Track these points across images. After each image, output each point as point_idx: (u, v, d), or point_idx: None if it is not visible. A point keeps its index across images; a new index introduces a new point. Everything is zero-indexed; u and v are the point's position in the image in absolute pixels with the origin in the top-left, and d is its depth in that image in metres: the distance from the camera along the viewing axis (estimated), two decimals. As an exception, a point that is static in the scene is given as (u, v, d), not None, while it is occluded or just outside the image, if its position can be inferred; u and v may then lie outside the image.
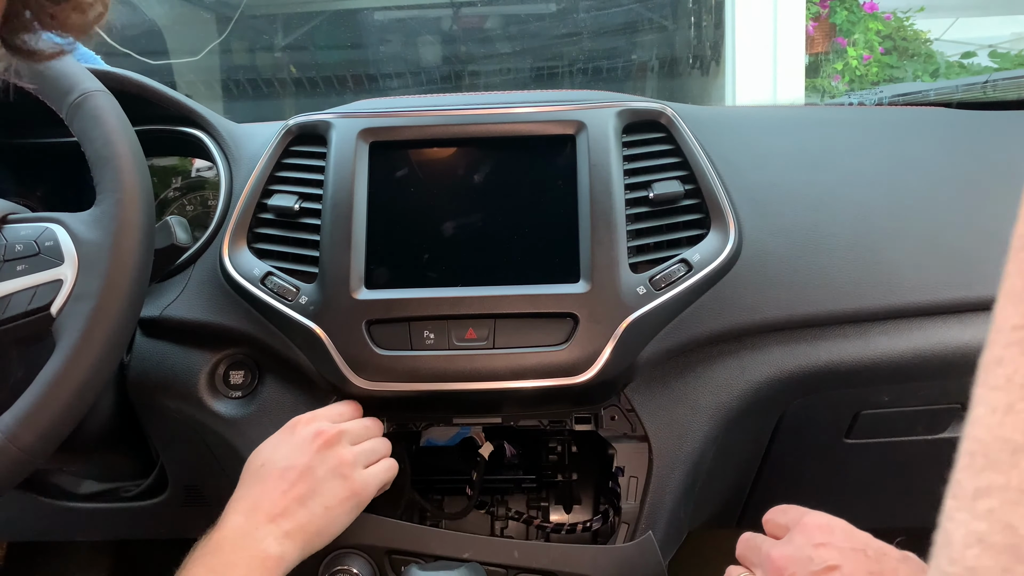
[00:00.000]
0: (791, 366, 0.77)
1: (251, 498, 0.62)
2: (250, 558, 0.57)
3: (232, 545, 0.58)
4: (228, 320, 0.78)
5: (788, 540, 0.53)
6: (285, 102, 3.22)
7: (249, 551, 0.58)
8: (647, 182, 0.77)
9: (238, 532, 0.59)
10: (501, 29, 3.18)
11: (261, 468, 0.65)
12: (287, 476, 0.63)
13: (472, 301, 0.72)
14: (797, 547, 0.52)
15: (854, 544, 0.51)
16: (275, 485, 0.63)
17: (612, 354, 0.70)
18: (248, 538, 0.59)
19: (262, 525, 0.60)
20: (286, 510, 0.61)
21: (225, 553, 0.58)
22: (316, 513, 0.62)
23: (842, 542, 0.51)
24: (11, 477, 0.58)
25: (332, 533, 0.64)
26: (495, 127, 0.78)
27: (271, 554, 0.58)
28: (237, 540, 0.59)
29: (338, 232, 0.74)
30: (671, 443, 0.75)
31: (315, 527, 0.62)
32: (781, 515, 0.58)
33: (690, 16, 3.16)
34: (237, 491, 0.64)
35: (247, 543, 0.58)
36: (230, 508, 0.62)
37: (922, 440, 0.86)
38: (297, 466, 0.64)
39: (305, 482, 0.63)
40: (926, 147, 0.88)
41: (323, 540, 0.63)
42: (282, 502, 0.61)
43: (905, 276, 0.77)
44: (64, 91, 0.66)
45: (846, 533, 0.52)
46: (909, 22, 3.15)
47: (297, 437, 0.67)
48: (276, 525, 0.60)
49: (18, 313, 0.62)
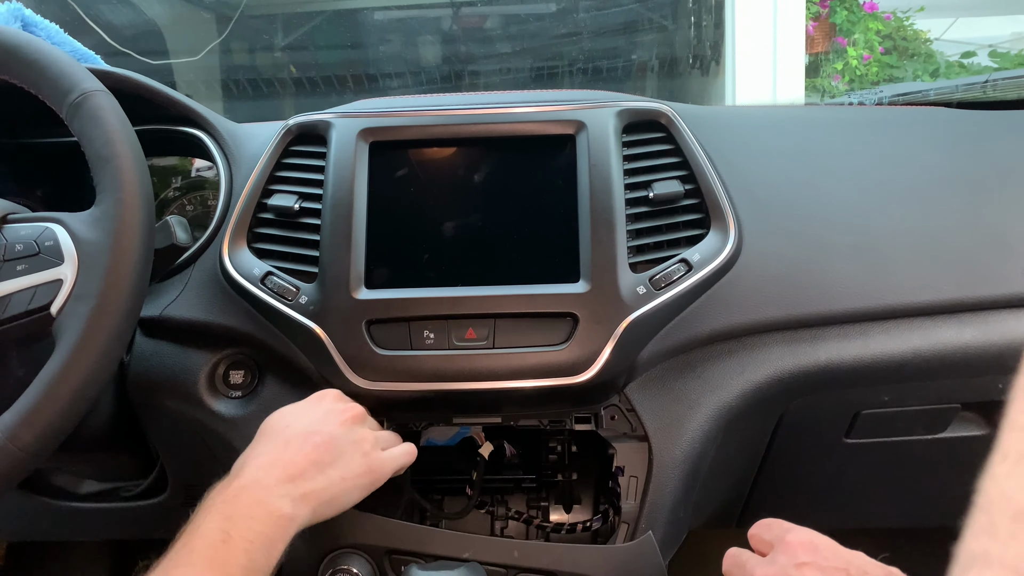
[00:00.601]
0: (791, 366, 0.77)
1: (271, 455, 0.63)
2: (267, 514, 0.58)
3: (249, 498, 0.58)
4: (228, 320, 0.78)
5: (771, 559, 0.53)
6: (285, 102, 3.22)
7: (266, 506, 0.58)
8: (647, 182, 0.77)
9: (257, 485, 0.59)
10: (501, 29, 3.18)
11: (286, 429, 0.65)
12: (311, 439, 0.63)
13: (472, 301, 0.72)
14: (780, 567, 0.52)
15: (837, 563, 0.51)
16: (298, 447, 0.63)
17: (612, 354, 0.70)
18: (266, 492, 0.59)
19: (280, 483, 0.60)
20: (304, 473, 0.61)
21: (242, 504, 0.58)
22: (333, 481, 0.63)
23: (825, 561, 0.51)
24: (11, 477, 0.58)
25: (342, 505, 0.64)
26: (495, 127, 0.78)
27: (285, 513, 0.58)
28: (255, 493, 0.59)
29: (338, 232, 0.74)
30: (671, 443, 0.75)
31: (329, 495, 0.62)
32: (766, 531, 0.58)
33: (690, 16, 3.16)
34: (255, 447, 0.65)
35: (264, 497, 0.58)
36: (248, 462, 0.62)
37: (922, 440, 0.86)
38: (322, 432, 0.64)
39: (327, 449, 0.63)
40: (926, 147, 0.88)
41: (332, 510, 0.63)
42: (302, 464, 0.62)
43: (905, 276, 0.77)
44: (64, 91, 0.66)
45: (830, 551, 0.52)
46: (909, 22, 3.15)
47: (324, 407, 0.68)
48: (294, 485, 0.60)
49: (18, 313, 0.62)
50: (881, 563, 0.51)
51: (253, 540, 0.56)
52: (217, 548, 0.54)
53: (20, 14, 0.92)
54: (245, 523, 0.56)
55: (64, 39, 0.95)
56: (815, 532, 0.54)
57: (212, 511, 0.57)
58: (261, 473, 0.61)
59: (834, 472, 0.92)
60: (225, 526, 0.56)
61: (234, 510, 0.57)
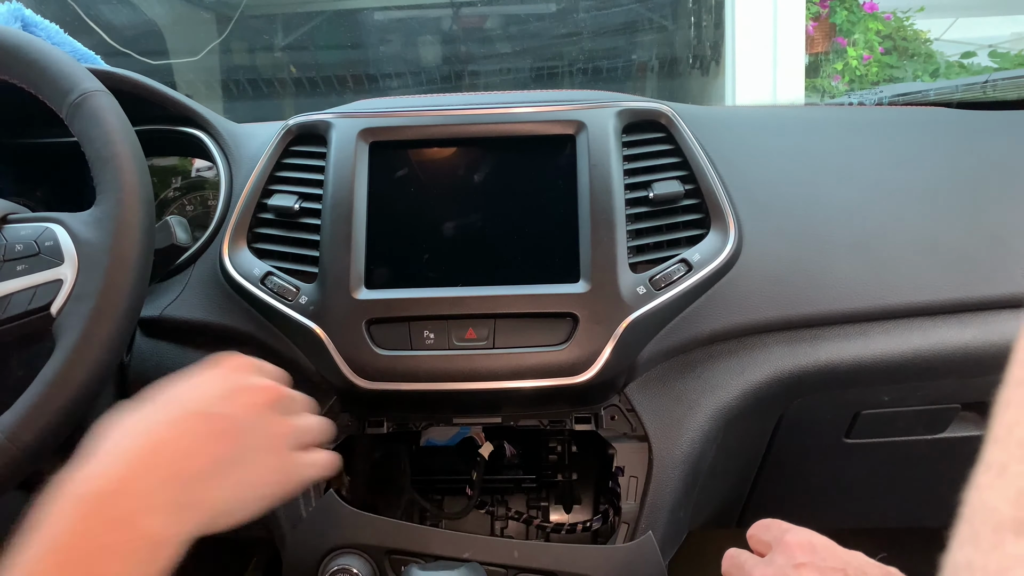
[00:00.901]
0: (791, 366, 0.77)
1: (151, 442, 0.44)
2: (129, 540, 0.40)
3: (110, 513, 0.40)
4: (228, 320, 0.78)
5: (769, 560, 0.53)
6: (285, 102, 3.22)
7: (130, 528, 0.40)
8: (647, 182, 0.77)
9: (125, 492, 0.41)
10: (501, 29, 3.18)
11: (176, 404, 0.47)
12: (211, 425, 0.46)
13: (472, 301, 0.72)
14: (778, 568, 0.51)
15: (835, 563, 0.50)
16: (191, 435, 0.46)
17: (612, 354, 0.70)
18: (136, 503, 0.41)
19: (161, 487, 0.42)
20: (199, 472, 0.44)
21: (96, 522, 0.40)
22: (235, 486, 0.46)
23: (823, 561, 0.51)
24: (11, 477, 0.58)
25: (238, 518, 0.47)
26: (495, 127, 0.78)
27: (154, 535, 0.41)
28: (119, 505, 0.41)
29: (338, 232, 0.74)
30: (671, 443, 0.75)
31: (226, 505, 0.46)
32: (764, 531, 0.57)
33: (690, 16, 3.16)
34: (125, 424, 0.46)
35: (132, 512, 0.41)
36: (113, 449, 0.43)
37: (922, 440, 0.86)
38: (226, 417, 0.47)
39: (231, 441, 0.47)
40: (926, 147, 0.88)
41: (223, 524, 0.46)
42: (197, 460, 0.45)
43: (905, 276, 0.77)
44: (64, 91, 0.66)
45: (828, 551, 0.52)
46: (909, 22, 3.14)
47: (226, 381, 0.50)
48: (182, 489, 0.43)
49: (18, 313, 0.62)
50: (879, 563, 0.51)
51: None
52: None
53: (20, 14, 0.92)
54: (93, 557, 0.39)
55: (64, 39, 0.95)
56: (813, 532, 0.54)
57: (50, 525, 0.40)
58: (134, 470, 0.42)
59: (834, 472, 0.92)
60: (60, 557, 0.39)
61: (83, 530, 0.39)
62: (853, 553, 0.52)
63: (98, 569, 0.39)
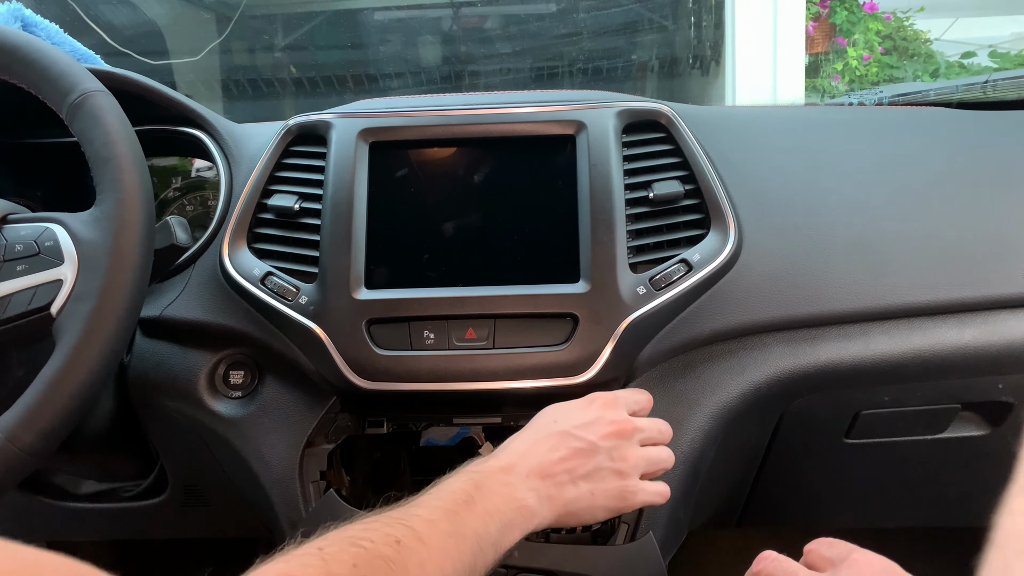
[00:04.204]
0: (791, 366, 0.77)
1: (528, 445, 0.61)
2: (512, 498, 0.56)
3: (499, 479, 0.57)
4: (228, 320, 0.78)
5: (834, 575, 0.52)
6: (285, 102, 3.22)
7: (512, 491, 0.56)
8: (647, 182, 0.77)
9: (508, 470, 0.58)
10: (501, 29, 3.18)
11: (552, 424, 0.63)
12: (570, 443, 0.61)
13: (472, 301, 0.72)
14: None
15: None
16: (554, 447, 0.60)
17: (612, 354, 0.70)
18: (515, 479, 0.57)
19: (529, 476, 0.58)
20: (555, 475, 0.59)
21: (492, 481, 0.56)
22: (582, 493, 0.60)
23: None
24: (11, 477, 0.58)
25: (584, 520, 0.61)
26: (495, 127, 0.78)
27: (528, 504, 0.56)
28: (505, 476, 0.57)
29: (338, 232, 0.74)
30: (671, 443, 0.75)
31: (576, 506, 0.60)
32: (827, 548, 0.56)
33: (690, 16, 3.16)
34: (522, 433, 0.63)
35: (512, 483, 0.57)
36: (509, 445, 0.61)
37: (922, 440, 0.86)
38: (583, 440, 0.61)
39: (585, 458, 0.60)
40: (926, 147, 0.88)
41: (576, 521, 0.61)
42: (555, 466, 0.59)
43: (905, 276, 0.77)
44: (64, 91, 0.66)
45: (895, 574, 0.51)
46: (909, 22, 3.14)
47: (593, 413, 0.64)
48: (542, 483, 0.58)
49: (18, 313, 0.62)
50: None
51: (493, 514, 0.54)
52: (459, 505, 0.53)
53: (20, 14, 0.92)
54: (491, 496, 0.55)
55: (64, 39, 0.95)
56: (882, 556, 0.52)
57: (464, 475, 0.57)
58: (515, 459, 0.59)
59: (834, 472, 0.92)
60: (472, 492, 0.55)
61: (484, 482, 0.56)
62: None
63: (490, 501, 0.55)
